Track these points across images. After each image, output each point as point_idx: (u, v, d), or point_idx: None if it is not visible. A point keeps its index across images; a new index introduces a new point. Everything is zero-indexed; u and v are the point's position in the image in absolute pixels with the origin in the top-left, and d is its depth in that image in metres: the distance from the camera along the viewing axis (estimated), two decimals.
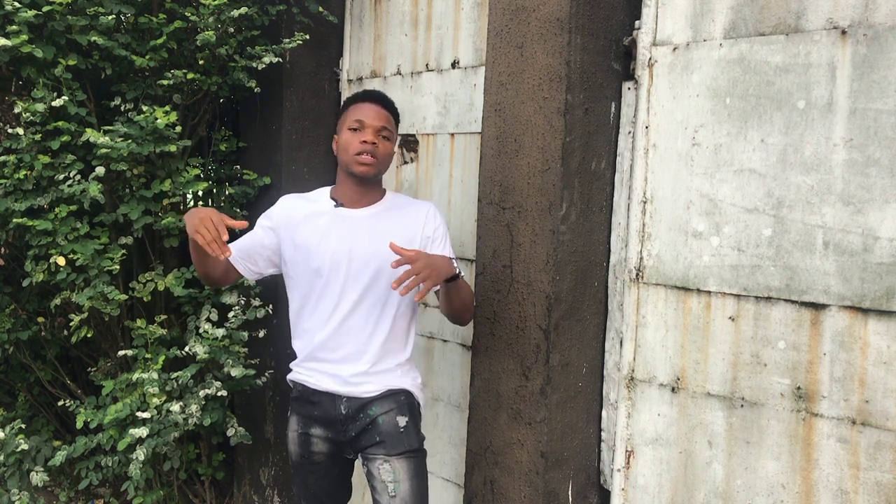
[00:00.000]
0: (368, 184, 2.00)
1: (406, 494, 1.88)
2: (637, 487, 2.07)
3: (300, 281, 2.00)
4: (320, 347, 1.97)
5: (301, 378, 2.03)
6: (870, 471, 1.67)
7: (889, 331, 1.63)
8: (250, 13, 2.58)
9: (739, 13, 1.84)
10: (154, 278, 2.72)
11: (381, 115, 1.97)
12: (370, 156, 1.93)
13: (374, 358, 1.95)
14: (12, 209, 2.44)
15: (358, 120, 1.94)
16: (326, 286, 1.95)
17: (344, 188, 2.02)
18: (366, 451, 1.94)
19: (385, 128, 1.96)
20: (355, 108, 1.98)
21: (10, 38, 2.32)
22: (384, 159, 1.98)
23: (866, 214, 1.66)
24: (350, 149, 1.94)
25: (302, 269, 1.98)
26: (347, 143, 1.95)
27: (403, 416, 1.95)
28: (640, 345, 2.06)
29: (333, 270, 1.94)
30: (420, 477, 1.93)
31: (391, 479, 1.88)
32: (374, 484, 1.90)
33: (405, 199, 2.10)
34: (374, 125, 1.94)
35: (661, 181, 1.99)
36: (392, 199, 2.06)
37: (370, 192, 2.02)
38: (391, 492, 1.87)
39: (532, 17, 2.02)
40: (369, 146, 1.93)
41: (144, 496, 2.78)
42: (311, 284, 1.97)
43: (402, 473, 1.89)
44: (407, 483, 1.89)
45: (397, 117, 2.07)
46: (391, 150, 2.01)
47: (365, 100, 2.00)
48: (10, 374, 3.09)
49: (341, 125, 2.00)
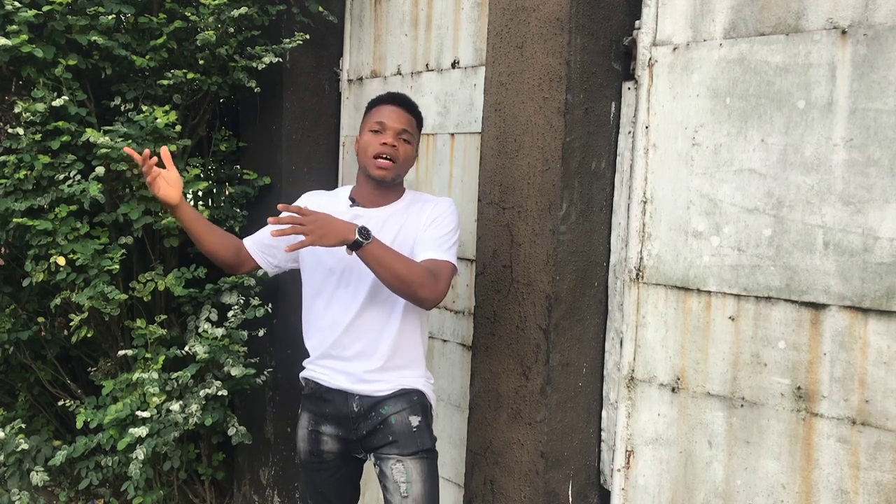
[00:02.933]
0: (386, 186, 1.98)
1: (418, 495, 1.87)
2: (637, 487, 2.07)
3: (314, 279, 2.00)
4: (334, 345, 1.97)
5: (314, 376, 2.03)
6: (870, 471, 1.67)
7: (889, 331, 1.63)
8: (250, 13, 2.58)
9: (739, 13, 1.84)
10: (154, 278, 2.72)
11: (403, 117, 1.96)
12: (388, 160, 1.92)
13: (387, 354, 1.94)
14: (12, 209, 2.44)
15: (379, 122, 1.94)
16: (339, 285, 1.95)
17: (362, 189, 2.02)
18: (378, 450, 1.93)
19: (405, 130, 1.95)
20: (377, 110, 1.98)
21: (10, 37, 2.32)
22: (403, 162, 1.97)
23: (866, 214, 1.66)
24: (369, 150, 1.94)
25: (316, 267, 1.99)
26: (367, 144, 1.95)
27: (416, 416, 1.94)
28: (640, 345, 2.06)
29: (346, 270, 1.94)
30: (433, 478, 1.93)
31: (404, 480, 1.87)
32: (387, 484, 1.90)
33: (426, 196, 2.06)
34: (394, 127, 1.93)
35: (661, 181, 1.99)
36: (411, 197, 2.03)
37: (388, 193, 2.00)
38: (403, 492, 1.86)
39: (532, 17, 2.02)
40: (388, 149, 1.92)
41: (144, 496, 2.78)
42: (325, 283, 1.97)
43: (414, 474, 1.88)
44: (420, 484, 1.88)
45: (420, 120, 2.05)
46: (412, 154, 2.00)
47: (388, 102, 1.99)
48: (10, 374, 3.09)
49: (363, 127, 2.00)
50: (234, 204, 2.96)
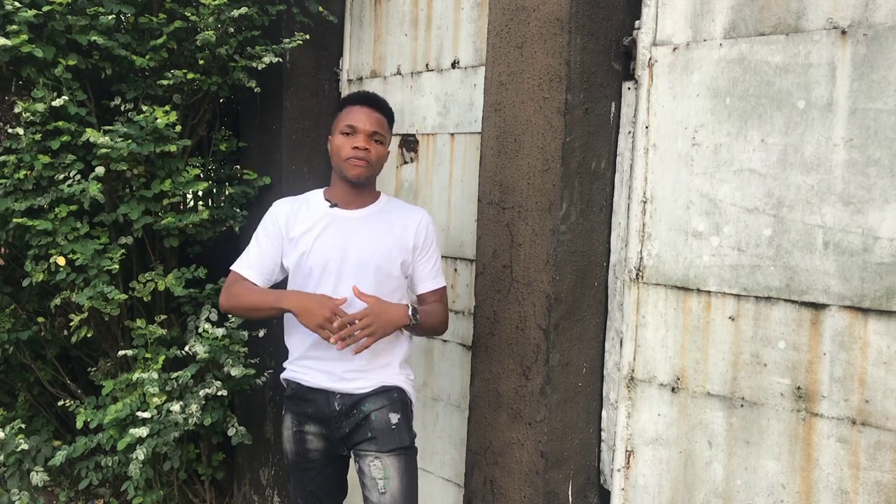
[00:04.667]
0: (361, 186, 2.02)
1: (396, 492, 1.89)
2: (637, 487, 2.07)
3: (296, 279, 2.02)
4: (314, 346, 1.98)
5: (295, 376, 2.04)
6: (870, 471, 1.67)
7: (889, 331, 1.63)
8: (250, 13, 2.58)
9: (739, 13, 1.84)
10: (154, 278, 2.72)
11: (373, 118, 1.99)
12: (362, 160, 1.96)
13: (368, 355, 1.96)
14: (12, 209, 2.44)
15: (350, 125, 1.97)
16: (318, 286, 1.97)
17: (337, 190, 2.05)
18: (357, 447, 1.95)
19: (377, 132, 1.99)
20: (348, 111, 2.01)
21: (10, 38, 2.32)
22: (376, 163, 2.01)
23: (866, 214, 1.66)
24: (342, 153, 1.97)
25: (296, 269, 2.01)
26: (339, 147, 1.99)
27: (395, 413, 1.96)
28: (640, 345, 2.06)
29: (326, 271, 1.96)
30: (410, 474, 1.94)
31: (381, 476, 1.89)
32: (365, 480, 1.91)
33: (400, 203, 2.13)
34: (365, 129, 1.97)
35: (661, 181, 1.99)
36: (387, 202, 2.09)
37: (364, 193, 2.05)
38: (381, 489, 1.88)
39: (532, 17, 2.02)
40: (361, 152, 1.96)
41: (144, 496, 2.78)
42: (305, 283, 1.99)
43: (392, 470, 1.90)
44: (397, 480, 1.90)
45: (391, 118, 2.08)
46: (384, 153, 2.04)
47: (357, 102, 2.02)
48: (10, 374, 3.09)
49: (335, 127, 2.03)
50: (234, 204, 2.96)
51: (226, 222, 2.89)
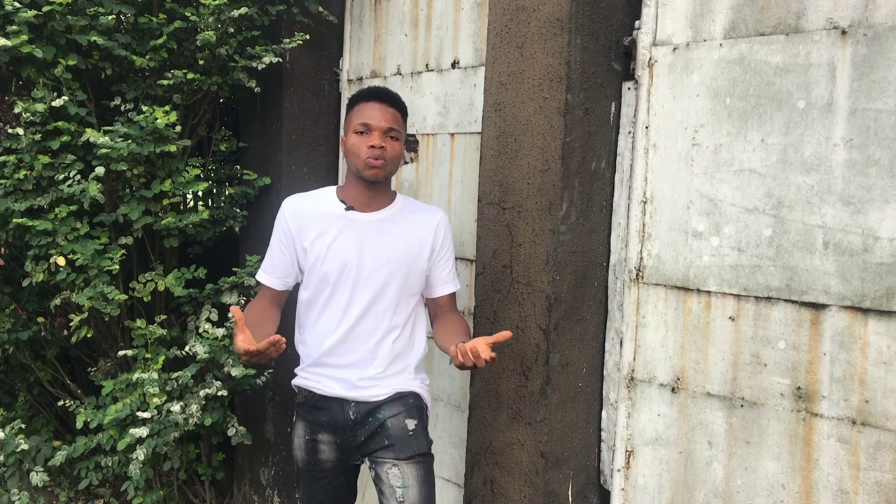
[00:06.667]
0: (378, 186, 1.94)
1: (415, 499, 1.84)
2: (637, 487, 2.07)
3: (309, 284, 1.97)
4: (328, 353, 1.94)
5: (307, 384, 1.99)
6: (870, 471, 1.67)
7: (889, 331, 1.63)
8: (250, 13, 2.58)
9: (739, 13, 1.84)
10: (154, 278, 2.72)
11: (387, 114, 1.90)
12: (379, 160, 1.87)
13: (384, 363, 1.93)
14: (12, 209, 2.44)
15: (363, 123, 1.88)
16: (334, 292, 1.92)
17: (353, 190, 1.96)
18: (374, 454, 1.90)
19: (392, 128, 1.89)
20: (360, 108, 1.91)
21: (10, 38, 2.32)
22: (393, 160, 1.92)
23: (866, 214, 1.66)
24: (360, 154, 1.88)
25: (311, 273, 1.95)
26: (355, 147, 1.89)
27: (412, 420, 1.92)
28: (640, 345, 2.06)
29: (343, 276, 1.91)
30: (429, 482, 1.90)
31: (400, 485, 1.84)
32: (382, 488, 1.87)
33: (417, 203, 2.05)
34: (380, 126, 1.87)
35: (661, 181, 1.99)
36: (403, 203, 2.01)
37: (380, 194, 1.96)
38: (399, 497, 1.83)
39: (532, 17, 2.02)
40: (377, 150, 1.87)
41: (144, 496, 2.78)
42: (320, 289, 1.94)
43: (410, 478, 1.85)
44: (416, 488, 1.86)
45: (405, 113, 1.99)
46: (400, 150, 1.94)
47: (369, 98, 1.92)
48: (10, 374, 3.09)
49: (347, 126, 1.93)
50: (234, 204, 2.96)
51: (226, 222, 2.89)
